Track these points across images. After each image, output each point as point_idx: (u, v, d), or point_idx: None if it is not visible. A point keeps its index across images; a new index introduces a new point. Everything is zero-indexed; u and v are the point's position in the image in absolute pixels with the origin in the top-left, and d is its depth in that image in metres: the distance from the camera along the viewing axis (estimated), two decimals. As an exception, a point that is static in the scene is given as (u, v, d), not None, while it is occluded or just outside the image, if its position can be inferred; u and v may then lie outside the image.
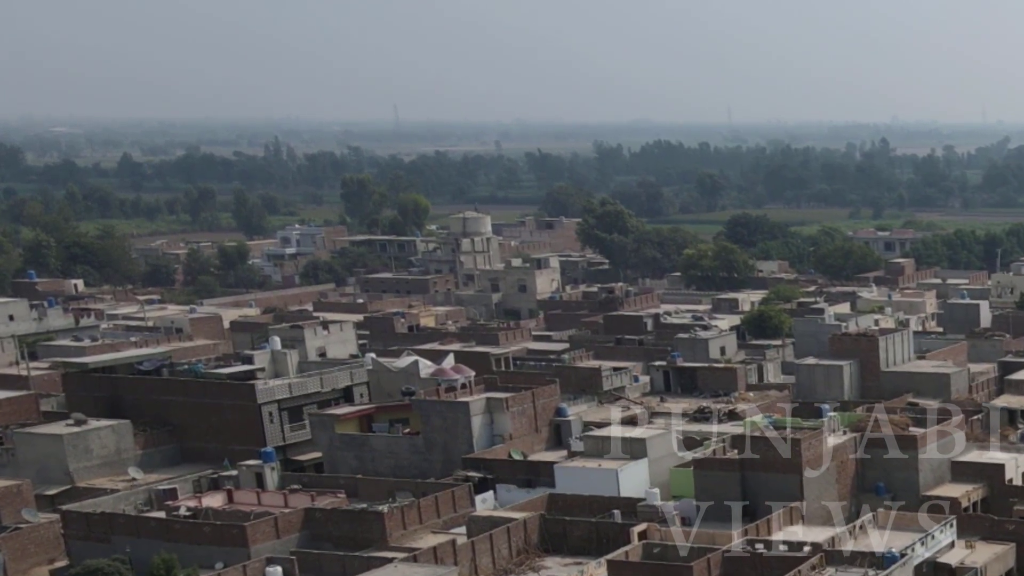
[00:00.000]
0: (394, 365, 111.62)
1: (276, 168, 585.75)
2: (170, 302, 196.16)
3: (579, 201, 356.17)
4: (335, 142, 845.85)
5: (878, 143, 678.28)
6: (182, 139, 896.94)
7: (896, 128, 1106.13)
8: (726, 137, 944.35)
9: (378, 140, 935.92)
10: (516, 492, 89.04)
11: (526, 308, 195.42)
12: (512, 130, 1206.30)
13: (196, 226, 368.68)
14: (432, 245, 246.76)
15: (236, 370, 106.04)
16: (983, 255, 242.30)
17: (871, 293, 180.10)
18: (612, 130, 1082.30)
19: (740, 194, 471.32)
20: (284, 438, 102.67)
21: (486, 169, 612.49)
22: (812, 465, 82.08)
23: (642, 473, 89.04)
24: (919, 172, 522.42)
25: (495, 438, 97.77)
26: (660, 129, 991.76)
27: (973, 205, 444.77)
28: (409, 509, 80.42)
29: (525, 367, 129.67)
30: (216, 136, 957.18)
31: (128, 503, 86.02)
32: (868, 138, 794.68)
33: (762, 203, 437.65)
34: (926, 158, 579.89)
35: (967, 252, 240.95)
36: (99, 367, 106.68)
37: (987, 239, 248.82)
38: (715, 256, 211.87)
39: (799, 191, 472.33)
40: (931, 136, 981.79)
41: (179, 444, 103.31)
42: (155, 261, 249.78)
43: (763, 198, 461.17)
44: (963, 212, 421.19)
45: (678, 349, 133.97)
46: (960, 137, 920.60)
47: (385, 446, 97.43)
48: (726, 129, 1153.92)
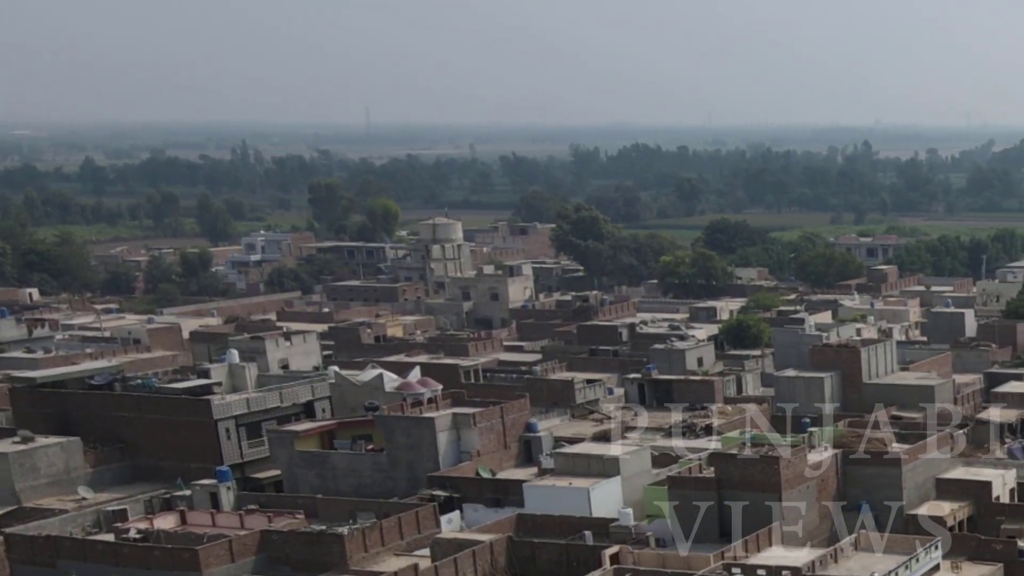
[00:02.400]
0: (358, 378, 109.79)
1: (243, 172, 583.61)
2: (129, 311, 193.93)
3: (554, 206, 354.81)
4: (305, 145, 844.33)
5: (860, 146, 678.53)
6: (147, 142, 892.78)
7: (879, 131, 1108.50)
8: (706, 140, 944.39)
9: (349, 143, 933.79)
10: (483, 512, 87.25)
11: (498, 317, 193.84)
12: (487, 133, 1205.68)
13: (159, 232, 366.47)
14: (402, 252, 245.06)
15: (191, 384, 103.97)
16: (968, 261, 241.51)
17: (853, 301, 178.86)
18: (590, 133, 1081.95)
19: (719, 199, 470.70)
20: (242, 455, 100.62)
21: (459, 173, 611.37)
22: (792, 484, 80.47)
23: (615, 492, 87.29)
24: (902, 176, 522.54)
25: (462, 455, 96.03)
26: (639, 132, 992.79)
27: (957, 210, 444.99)
28: (371, 531, 78.49)
29: (495, 379, 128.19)
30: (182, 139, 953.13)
31: (75, 525, 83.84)
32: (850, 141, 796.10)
33: (742, 208, 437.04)
34: (909, 162, 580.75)
35: (951, 258, 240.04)
36: (48, 381, 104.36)
37: (972, 245, 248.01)
38: (693, 263, 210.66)
39: (779, 195, 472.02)
40: (915, 139, 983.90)
41: (131, 462, 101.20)
42: (115, 268, 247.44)
43: (743, 203, 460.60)
44: (947, 217, 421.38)
45: (654, 360, 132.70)
46: (944, 140, 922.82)
47: (347, 464, 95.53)
48: (706, 132, 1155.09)
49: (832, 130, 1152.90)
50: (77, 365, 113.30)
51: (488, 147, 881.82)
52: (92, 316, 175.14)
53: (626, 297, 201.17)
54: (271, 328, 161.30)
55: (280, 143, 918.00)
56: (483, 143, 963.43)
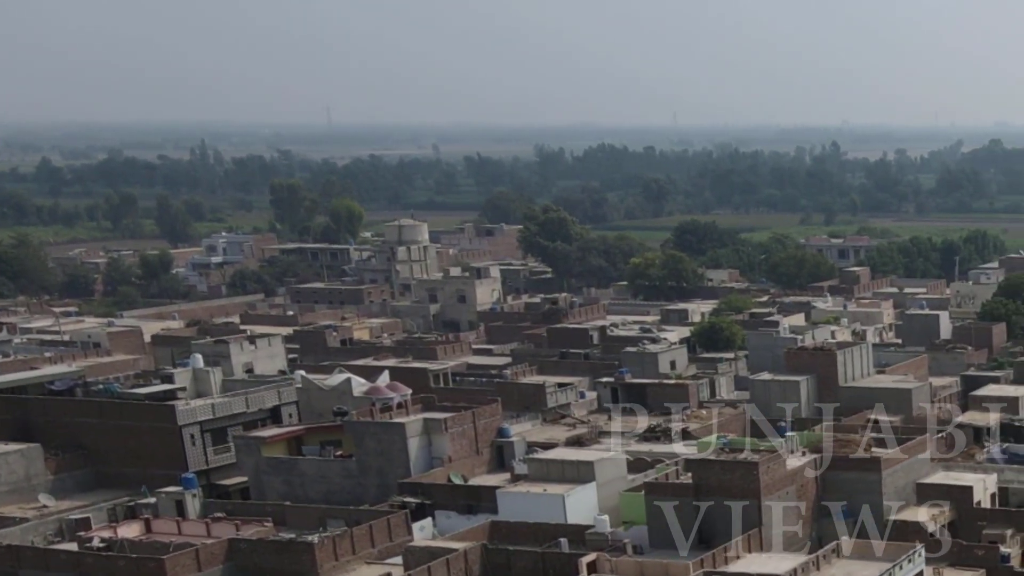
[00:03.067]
0: (325, 383, 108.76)
1: (202, 173, 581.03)
2: (88, 314, 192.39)
3: (520, 207, 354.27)
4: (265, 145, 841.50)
5: (829, 147, 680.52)
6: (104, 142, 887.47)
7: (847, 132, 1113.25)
8: (672, 141, 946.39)
9: (310, 143, 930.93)
10: (456, 519, 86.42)
11: (466, 320, 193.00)
12: (451, 133, 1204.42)
13: (117, 233, 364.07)
14: (366, 254, 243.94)
15: (155, 389, 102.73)
16: (940, 263, 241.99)
17: (826, 303, 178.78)
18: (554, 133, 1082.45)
19: (687, 200, 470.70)
20: (207, 462, 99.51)
21: (423, 173, 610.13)
22: (771, 489, 79.92)
23: (590, 498, 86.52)
24: (871, 177, 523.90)
25: (433, 461, 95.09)
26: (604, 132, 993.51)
27: (927, 210, 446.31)
28: (341, 539, 77.56)
29: (465, 383, 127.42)
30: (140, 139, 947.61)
31: (37, 534, 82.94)
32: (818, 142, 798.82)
33: (709, 208, 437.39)
34: (878, 162, 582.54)
35: (924, 260, 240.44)
36: (7, 387, 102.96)
37: (944, 246, 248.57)
38: (663, 265, 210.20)
39: (748, 196, 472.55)
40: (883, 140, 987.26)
41: (93, 469, 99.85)
42: (73, 271, 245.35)
43: (711, 203, 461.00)
44: (917, 218, 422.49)
45: (626, 364, 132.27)
46: (912, 141, 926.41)
47: (316, 470, 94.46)
48: (672, 133, 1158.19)
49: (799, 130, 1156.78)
50: (37, 370, 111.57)
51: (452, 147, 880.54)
52: (51, 319, 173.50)
53: (595, 299, 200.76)
54: (235, 331, 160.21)
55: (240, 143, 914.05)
56: (447, 143, 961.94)
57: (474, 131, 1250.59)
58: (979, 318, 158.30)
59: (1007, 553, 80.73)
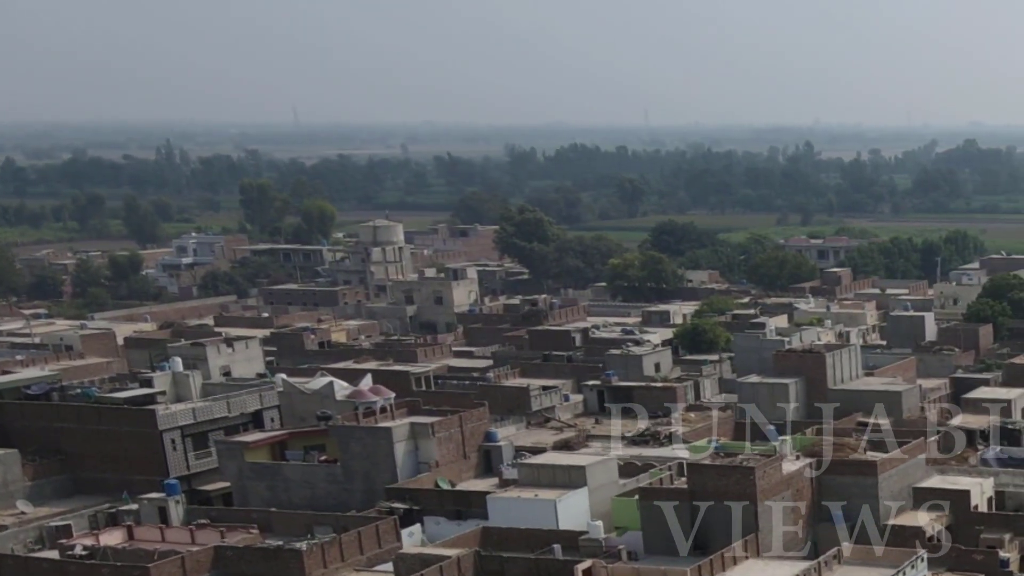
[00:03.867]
0: (307, 386, 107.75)
1: (169, 173, 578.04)
2: (58, 316, 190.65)
3: (493, 207, 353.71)
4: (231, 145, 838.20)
5: (802, 147, 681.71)
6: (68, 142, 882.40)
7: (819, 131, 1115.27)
8: (644, 140, 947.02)
9: (276, 143, 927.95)
10: (446, 525, 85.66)
11: (443, 321, 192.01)
12: (420, 132, 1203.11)
13: (84, 234, 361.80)
14: (340, 254, 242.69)
15: (134, 394, 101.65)
16: (920, 263, 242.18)
17: (808, 305, 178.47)
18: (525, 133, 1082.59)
19: (662, 200, 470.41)
20: (188, 467, 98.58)
21: (393, 173, 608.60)
22: (768, 494, 79.41)
23: (582, 504, 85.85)
24: (847, 177, 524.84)
25: (420, 466, 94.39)
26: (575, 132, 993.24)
27: (903, 211, 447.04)
28: (330, 546, 76.82)
29: (447, 386, 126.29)
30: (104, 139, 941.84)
31: (17, 541, 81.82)
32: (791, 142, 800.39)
33: (685, 209, 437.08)
34: (853, 162, 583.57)
35: (904, 260, 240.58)
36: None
37: (924, 247, 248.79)
38: (642, 266, 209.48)
39: (723, 196, 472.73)
40: (856, 139, 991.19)
41: (72, 475, 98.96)
42: (41, 272, 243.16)
43: (686, 204, 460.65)
44: (893, 218, 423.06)
45: (610, 366, 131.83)
46: (886, 140, 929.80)
47: (300, 476, 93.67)
48: (644, 132, 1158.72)
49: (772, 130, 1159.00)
50: (12, 374, 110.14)
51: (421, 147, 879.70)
52: (21, 322, 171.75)
53: (574, 301, 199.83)
54: (209, 334, 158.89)
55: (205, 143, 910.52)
56: (416, 143, 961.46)
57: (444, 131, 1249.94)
58: (965, 319, 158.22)
59: (1006, 558, 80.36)
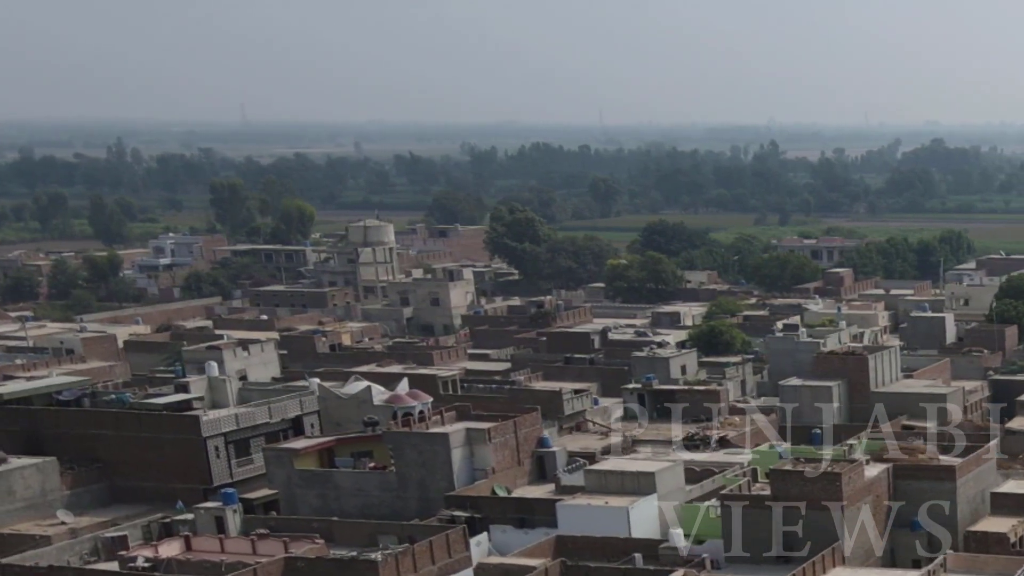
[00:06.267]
0: (343, 391, 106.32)
1: (123, 171, 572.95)
2: (44, 318, 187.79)
3: (468, 207, 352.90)
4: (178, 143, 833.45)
5: (767, 145, 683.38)
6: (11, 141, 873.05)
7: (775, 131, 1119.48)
8: (599, 139, 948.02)
9: (224, 141, 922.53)
10: (512, 534, 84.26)
11: (440, 323, 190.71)
12: (368, 131, 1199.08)
13: (47, 234, 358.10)
14: (324, 255, 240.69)
15: (173, 399, 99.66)
16: (916, 263, 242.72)
17: (818, 306, 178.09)
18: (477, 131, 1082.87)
19: (634, 200, 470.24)
20: (231, 475, 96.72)
21: (351, 173, 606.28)
22: (853, 499, 78.62)
23: (652, 511, 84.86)
24: (817, 176, 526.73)
25: (475, 472, 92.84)
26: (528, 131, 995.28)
27: (879, 210, 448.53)
28: (404, 556, 75.36)
29: (473, 390, 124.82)
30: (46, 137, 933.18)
31: (72, 553, 79.96)
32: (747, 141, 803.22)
33: (658, 208, 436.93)
34: (823, 161, 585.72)
35: (902, 260, 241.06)
36: (13, 397, 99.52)
37: (920, 247, 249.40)
38: (642, 266, 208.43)
39: (695, 196, 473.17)
40: (813, 139, 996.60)
41: (109, 483, 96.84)
42: (16, 273, 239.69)
43: (659, 203, 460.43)
44: (870, 218, 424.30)
45: (636, 368, 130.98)
46: (844, 140, 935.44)
47: (352, 483, 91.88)
48: (598, 131, 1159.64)
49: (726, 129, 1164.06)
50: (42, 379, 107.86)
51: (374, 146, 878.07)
52: (14, 325, 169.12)
53: (568, 302, 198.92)
54: (210, 337, 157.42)
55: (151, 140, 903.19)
56: (367, 141, 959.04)
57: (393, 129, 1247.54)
58: (988, 320, 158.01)
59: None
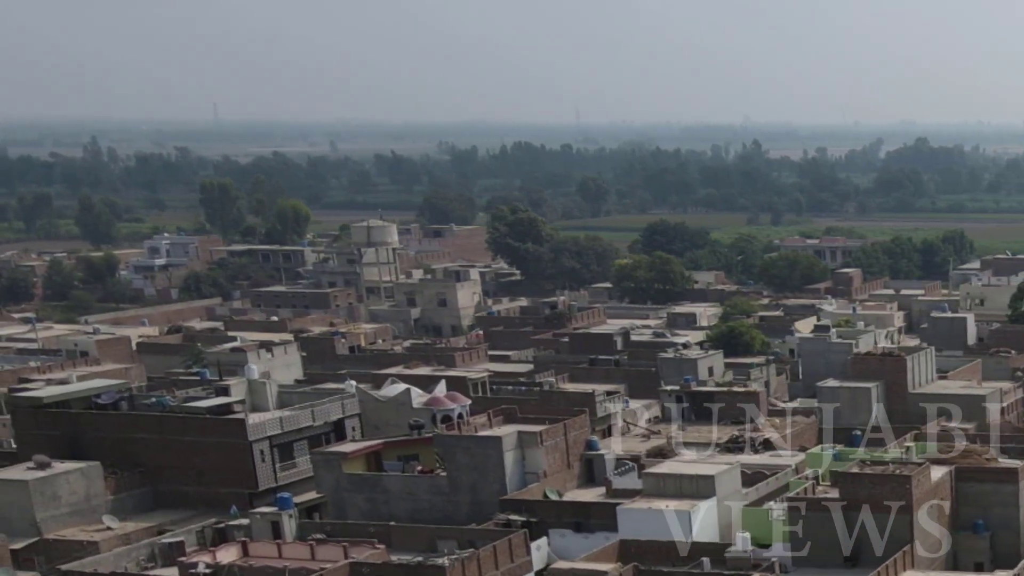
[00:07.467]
0: (381, 394, 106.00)
1: (100, 171, 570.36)
2: (47, 320, 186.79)
3: (459, 207, 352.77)
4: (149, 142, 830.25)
5: (749, 145, 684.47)
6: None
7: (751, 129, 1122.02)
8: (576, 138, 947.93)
9: (196, 140, 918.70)
10: (572, 538, 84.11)
11: (448, 324, 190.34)
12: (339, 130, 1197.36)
13: (33, 234, 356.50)
14: (323, 255, 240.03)
15: (216, 403, 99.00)
16: (921, 263, 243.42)
17: (832, 306, 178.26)
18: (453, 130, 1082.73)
19: (623, 200, 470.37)
20: (276, 479, 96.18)
21: (332, 172, 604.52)
22: (921, 502, 78.45)
23: (711, 514, 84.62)
24: (805, 176, 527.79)
25: (526, 476, 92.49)
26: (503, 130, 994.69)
27: (870, 210, 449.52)
28: (470, 561, 75.02)
29: (503, 392, 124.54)
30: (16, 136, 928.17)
31: (129, 560, 79.33)
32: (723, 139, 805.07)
33: (647, 208, 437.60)
34: (809, 161, 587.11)
35: (907, 260, 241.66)
36: (53, 401, 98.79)
37: (924, 247, 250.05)
38: (650, 267, 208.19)
39: (683, 196, 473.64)
40: (789, 138, 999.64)
41: (152, 488, 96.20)
42: (10, 274, 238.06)
43: (648, 203, 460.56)
44: (860, 217, 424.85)
45: (663, 370, 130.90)
46: (821, 139, 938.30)
47: (401, 487, 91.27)
48: (574, 130, 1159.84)
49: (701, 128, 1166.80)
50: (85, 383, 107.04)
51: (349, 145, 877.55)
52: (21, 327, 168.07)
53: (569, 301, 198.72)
54: (223, 338, 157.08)
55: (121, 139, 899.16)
56: (340, 140, 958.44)
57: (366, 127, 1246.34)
58: (1010, 320, 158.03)
59: None
